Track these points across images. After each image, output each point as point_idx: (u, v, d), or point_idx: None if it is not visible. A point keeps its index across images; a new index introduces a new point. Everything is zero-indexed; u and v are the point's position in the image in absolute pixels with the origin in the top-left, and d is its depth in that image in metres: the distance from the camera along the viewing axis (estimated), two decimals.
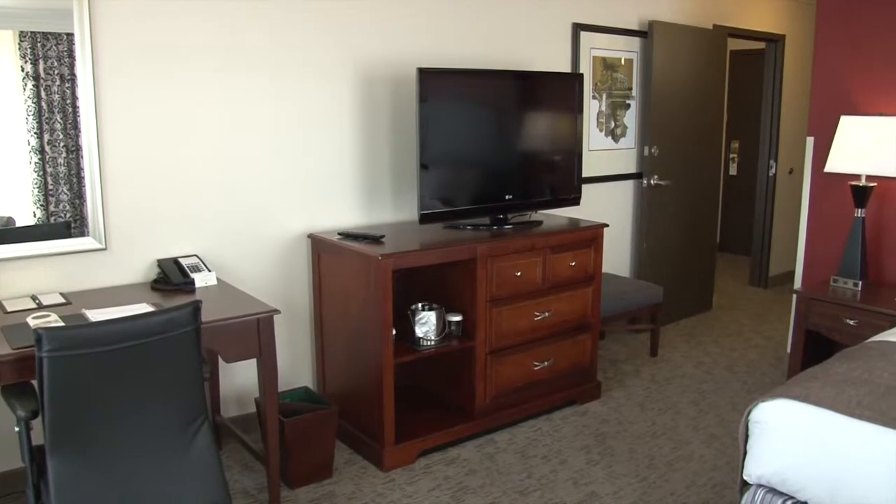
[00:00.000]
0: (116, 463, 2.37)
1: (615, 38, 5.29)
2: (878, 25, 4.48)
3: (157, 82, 3.37)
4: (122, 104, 3.29)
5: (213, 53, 3.50)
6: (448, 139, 3.83)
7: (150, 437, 2.43)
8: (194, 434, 2.52)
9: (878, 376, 2.68)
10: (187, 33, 3.41)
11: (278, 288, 3.87)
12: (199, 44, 3.45)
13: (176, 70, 3.41)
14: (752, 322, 6.07)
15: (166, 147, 3.44)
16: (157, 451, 2.45)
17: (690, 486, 3.47)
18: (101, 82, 3.21)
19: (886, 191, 4.48)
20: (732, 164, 8.53)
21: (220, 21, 3.49)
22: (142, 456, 2.42)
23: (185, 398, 2.49)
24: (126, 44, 3.25)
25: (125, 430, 2.38)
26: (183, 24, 3.39)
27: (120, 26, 3.23)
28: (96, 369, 2.27)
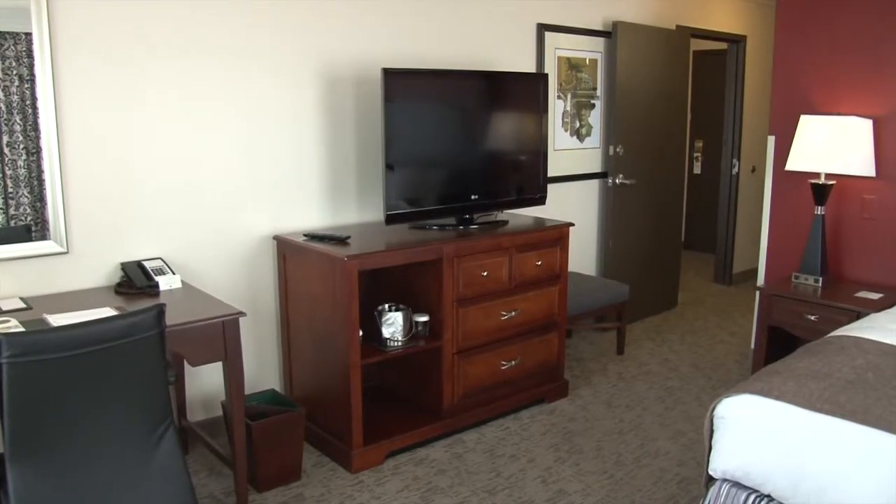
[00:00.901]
0: (79, 470, 2.34)
1: (580, 39, 5.32)
2: (835, 27, 4.55)
3: (118, 83, 3.33)
4: (84, 105, 3.24)
5: (175, 54, 3.46)
6: (413, 139, 3.83)
7: (114, 443, 2.40)
8: (159, 439, 2.50)
9: (837, 370, 2.72)
10: (149, 34, 3.37)
11: (244, 290, 3.84)
12: (161, 44, 3.42)
13: (138, 71, 3.37)
14: (717, 319, 6.14)
15: (129, 149, 3.40)
16: (122, 457, 2.42)
17: (657, 482, 3.50)
18: (60, 83, 3.16)
19: (845, 189, 4.55)
20: (696, 163, 8.62)
21: (182, 22, 3.46)
22: (106, 463, 2.39)
23: (149, 403, 2.47)
24: (86, 44, 3.21)
25: (88, 437, 2.35)
26: (144, 25, 3.35)
27: (80, 26, 3.18)
28: (58, 375, 2.23)
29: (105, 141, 3.32)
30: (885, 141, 4.37)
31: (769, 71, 5.12)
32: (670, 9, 6.04)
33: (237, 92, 3.68)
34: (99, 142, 3.31)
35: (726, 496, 2.60)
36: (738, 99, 6.98)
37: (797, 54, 4.76)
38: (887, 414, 2.35)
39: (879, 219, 4.46)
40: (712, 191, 7.73)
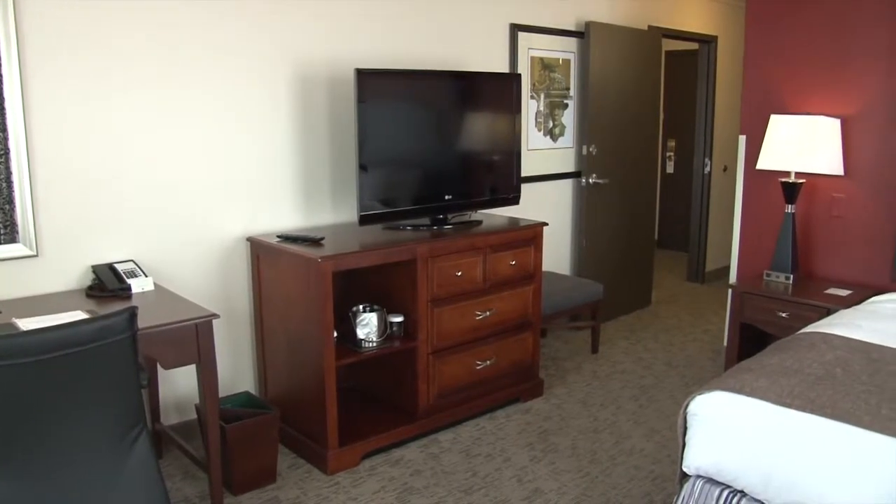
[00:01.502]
0: (50, 476, 2.31)
1: (553, 39, 5.34)
2: (804, 28, 4.61)
3: (89, 84, 3.29)
4: (53, 106, 3.20)
5: (147, 52, 3.43)
6: (387, 140, 3.83)
7: (86, 449, 2.37)
8: (132, 443, 2.47)
9: (808, 366, 2.75)
10: (120, 32, 3.34)
11: (217, 292, 3.82)
12: (132, 42, 3.38)
13: (109, 71, 3.33)
14: (690, 317, 6.18)
15: (100, 150, 3.36)
16: (94, 463, 2.39)
17: (632, 480, 3.52)
18: (29, 84, 3.12)
19: (814, 187, 4.61)
20: (669, 162, 8.69)
21: (154, 20, 3.43)
22: (77, 469, 2.36)
23: (121, 407, 2.44)
24: (54, 42, 3.17)
25: (59, 443, 2.32)
26: (116, 23, 3.32)
27: (48, 27, 3.14)
28: (28, 380, 2.20)
29: (75, 142, 3.29)
30: (853, 140, 4.43)
31: (740, 71, 5.17)
32: (642, 9, 6.08)
33: (209, 92, 3.66)
34: (69, 143, 3.27)
35: (700, 492, 2.61)
36: (710, 99, 7.04)
37: (767, 55, 4.81)
38: (855, 409, 2.39)
39: (848, 217, 4.52)
40: (685, 190, 7.79)
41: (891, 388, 2.54)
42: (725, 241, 5.85)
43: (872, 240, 4.43)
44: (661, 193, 8.51)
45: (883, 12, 4.27)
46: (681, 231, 8.11)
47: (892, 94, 4.27)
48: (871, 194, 4.42)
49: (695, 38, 6.82)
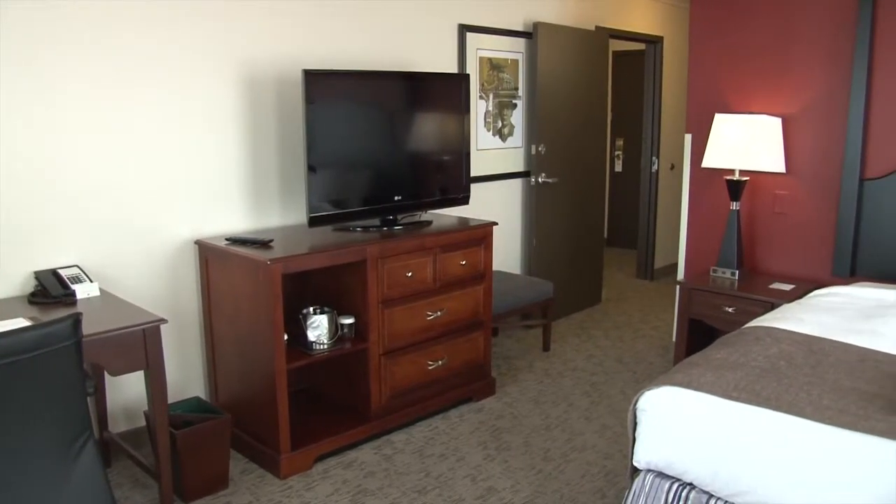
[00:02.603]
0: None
1: (501, 39, 5.37)
2: (746, 30, 4.69)
3: (30, 84, 3.20)
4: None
5: (89, 51, 3.35)
6: (336, 141, 3.81)
7: (29, 459, 2.32)
8: (78, 453, 2.42)
9: (753, 360, 2.81)
10: (60, 28, 3.26)
11: (165, 297, 3.76)
12: (74, 44, 3.31)
13: (51, 71, 3.26)
14: (640, 313, 6.26)
15: (41, 151, 3.28)
16: (38, 474, 2.34)
17: (584, 476, 3.56)
18: None
19: (758, 184, 4.70)
20: (617, 161, 8.78)
21: (96, 17, 3.35)
22: (21, 479, 2.30)
23: (67, 416, 2.39)
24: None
25: (1, 454, 2.27)
26: (54, 19, 3.24)
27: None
28: None
29: (15, 143, 3.20)
30: (793, 138, 4.53)
31: (685, 71, 5.25)
32: (589, 10, 6.14)
33: (155, 94, 3.60)
34: (8, 144, 3.18)
35: (650, 486, 2.65)
36: (657, 98, 7.14)
37: (711, 55, 4.89)
38: (798, 400, 2.44)
39: (790, 213, 4.62)
40: (633, 188, 7.89)
41: (831, 380, 2.61)
42: (673, 238, 5.95)
43: (813, 235, 4.53)
44: (610, 192, 8.61)
45: (822, 17, 4.37)
46: (630, 229, 8.21)
47: (830, 94, 4.38)
48: (810, 191, 4.52)
49: (641, 38, 6.91)
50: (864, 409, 2.36)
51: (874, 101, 4.21)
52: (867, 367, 2.74)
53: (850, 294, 3.78)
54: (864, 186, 4.25)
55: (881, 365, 2.76)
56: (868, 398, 2.45)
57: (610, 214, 8.65)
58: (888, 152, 4.18)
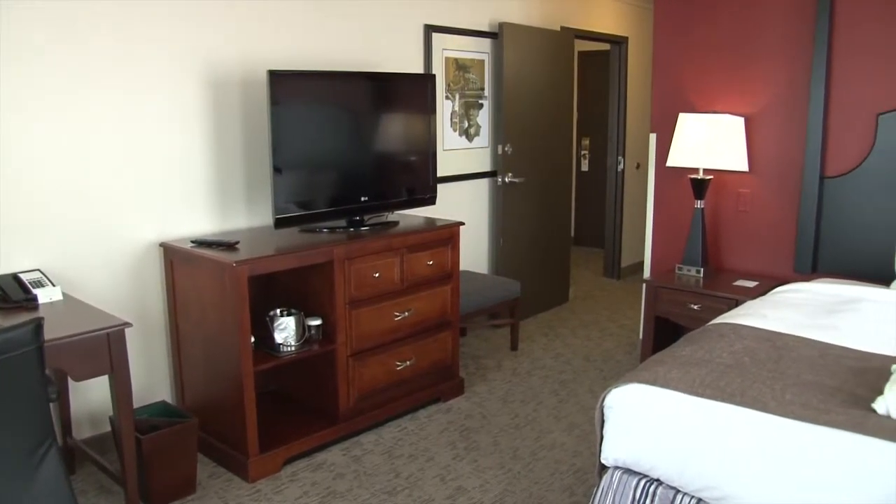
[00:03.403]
0: None
1: (466, 40, 5.38)
2: (709, 30, 4.74)
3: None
4: None
5: (50, 50, 3.30)
6: (301, 142, 3.79)
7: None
8: (40, 461, 2.38)
9: (717, 356, 2.84)
10: (21, 27, 3.21)
11: (130, 300, 3.72)
12: (35, 42, 3.25)
13: (10, 70, 3.20)
14: (607, 312, 6.31)
15: (1, 153, 3.23)
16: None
17: (554, 474, 3.57)
18: None
19: (722, 183, 4.75)
20: (584, 160, 8.83)
21: (57, 16, 3.30)
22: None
23: (27, 423, 2.35)
24: None
25: None
26: (15, 18, 3.18)
27: None
28: None
29: None
30: (756, 137, 4.59)
31: (650, 71, 5.29)
32: (555, 10, 6.17)
33: (117, 94, 3.55)
34: None
35: (618, 483, 2.67)
36: (622, 98, 7.19)
37: (675, 55, 4.94)
38: (761, 395, 2.47)
39: (753, 211, 4.68)
40: (599, 187, 7.94)
41: (794, 375, 2.64)
42: (640, 236, 5.99)
43: (776, 233, 4.60)
44: (577, 191, 8.65)
45: (782, 18, 4.43)
46: (596, 228, 8.26)
47: (791, 94, 4.44)
48: (773, 189, 4.58)
49: (606, 38, 6.96)
50: (825, 403, 2.40)
51: (833, 101, 4.27)
52: (828, 362, 2.78)
53: (811, 290, 3.83)
54: (824, 184, 4.32)
55: (842, 359, 2.81)
56: (829, 392, 2.49)
57: (577, 213, 8.70)
58: (847, 151, 4.25)
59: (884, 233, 4.07)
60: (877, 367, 2.68)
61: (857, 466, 2.15)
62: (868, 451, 2.16)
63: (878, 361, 2.76)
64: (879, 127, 4.10)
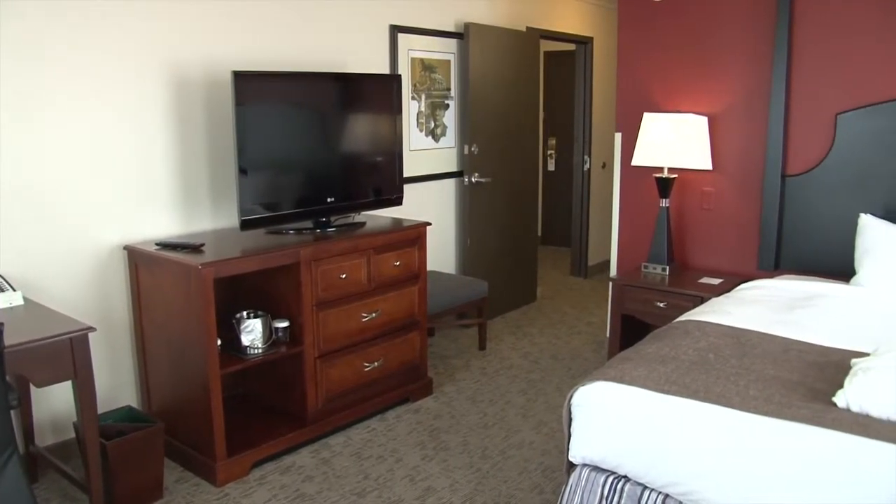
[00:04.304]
0: None
1: (432, 40, 5.38)
2: (672, 31, 4.79)
3: None
4: None
5: (9, 50, 3.24)
6: (267, 143, 3.77)
7: None
8: (1, 469, 2.35)
9: (683, 353, 2.87)
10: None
11: (94, 304, 3.67)
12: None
13: None
14: (575, 310, 6.34)
15: None
16: None
17: (522, 472, 3.59)
18: None
19: (686, 182, 4.80)
20: (550, 160, 8.88)
21: (15, 14, 3.25)
22: None
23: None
24: None
25: None
26: None
27: None
28: None
29: None
30: (719, 136, 4.65)
31: (615, 71, 5.32)
32: (520, 11, 6.19)
33: (79, 93, 3.50)
34: None
35: (586, 480, 2.69)
36: (587, 98, 7.23)
37: (639, 55, 4.98)
38: (726, 391, 2.51)
39: (717, 209, 4.74)
40: (566, 187, 7.98)
41: (757, 370, 2.68)
42: (606, 235, 6.02)
43: (739, 231, 4.65)
44: (543, 191, 8.69)
45: (744, 19, 4.49)
46: (563, 227, 8.30)
47: (753, 94, 4.50)
48: (736, 188, 4.64)
49: (571, 39, 6.99)
50: (788, 398, 2.44)
51: (793, 101, 4.34)
52: (791, 357, 2.82)
53: (774, 287, 3.89)
54: (785, 183, 4.38)
55: (804, 354, 2.85)
56: (791, 386, 2.53)
57: (543, 213, 8.75)
58: (807, 150, 4.32)
59: (843, 230, 4.13)
60: (837, 362, 2.73)
61: (818, 459, 2.20)
62: (828, 444, 2.20)
63: (838, 356, 2.81)
64: (838, 126, 4.17)
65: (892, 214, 3.98)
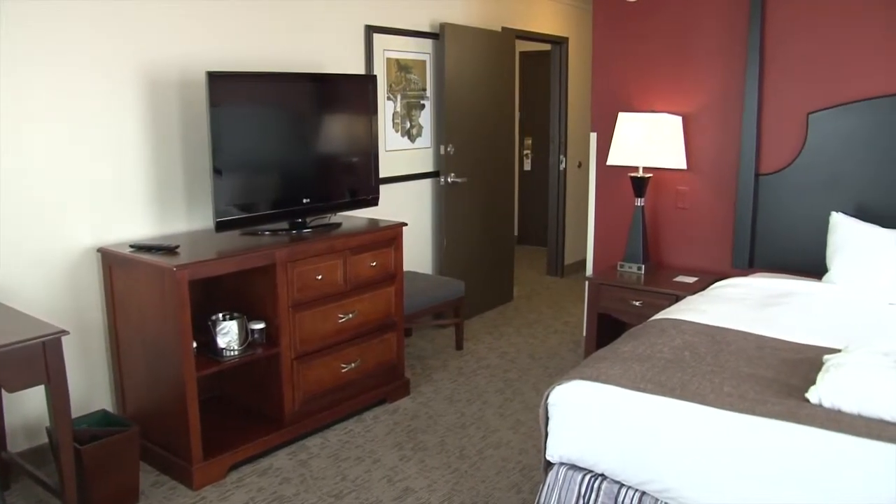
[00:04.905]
0: None
1: (408, 40, 5.38)
2: (646, 31, 4.82)
3: None
4: None
5: None
6: (242, 144, 3.75)
7: None
8: None
9: (658, 351, 2.89)
10: None
11: (67, 307, 3.63)
12: None
13: None
14: (551, 310, 6.36)
15: None
16: None
17: (500, 472, 3.59)
18: None
19: (661, 181, 4.84)
20: (526, 159, 8.90)
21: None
22: None
23: None
24: None
25: None
26: None
27: None
28: None
29: None
30: (693, 136, 4.68)
31: (590, 71, 5.35)
32: (495, 11, 6.20)
33: (51, 93, 3.46)
34: None
35: (563, 479, 2.69)
36: (563, 97, 7.26)
37: (613, 56, 5.00)
38: (701, 388, 2.53)
39: (691, 208, 4.77)
40: (542, 186, 8.01)
41: (731, 368, 2.71)
42: (582, 234, 6.06)
43: (714, 229, 4.69)
44: (520, 190, 8.72)
45: (718, 21, 4.52)
46: (539, 226, 8.33)
47: (726, 93, 4.54)
48: (710, 186, 4.67)
49: (547, 39, 7.01)
50: (762, 394, 2.46)
51: (766, 101, 4.38)
52: (765, 354, 2.85)
53: (749, 285, 3.93)
54: (759, 181, 4.42)
55: (777, 351, 2.88)
56: (765, 383, 2.56)
57: (520, 213, 8.77)
58: (780, 149, 4.36)
59: (816, 228, 4.18)
60: (810, 358, 2.76)
61: (792, 454, 2.22)
62: (802, 439, 2.23)
63: (811, 352, 2.84)
64: (810, 126, 4.22)
65: (862, 212, 4.04)
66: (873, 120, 4.01)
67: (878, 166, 4.02)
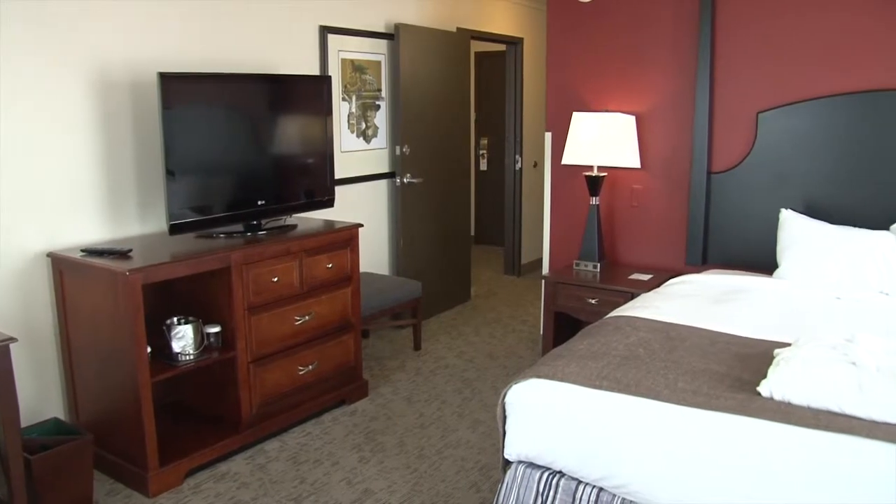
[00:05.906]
0: None
1: (363, 41, 5.36)
2: (600, 32, 4.87)
3: None
4: None
5: None
6: (196, 146, 3.71)
7: None
8: None
9: (614, 349, 2.92)
10: None
11: (16, 313, 3.55)
12: None
13: None
14: (509, 309, 6.39)
15: None
16: None
17: (459, 472, 3.60)
18: None
19: (615, 179, 4.89)
20: (482, 160, 8.92)
21: None
22: None
23: None
24: None
25: None
26: None
27: None
28: None
29: None
30: (646, 135, 4.74)
31: (545, 71, 5.38)
32: (450, 11, 6.22)
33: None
34: None
35: (522, 477, 2.71)
36: (518, 98, 7.30)
37: (568, 56, 5.04)
38: (655, 384, 2.56)
39: (645, 206, 4.83)
40: (498, 186, 8.04)
41: (686, 363, 2.74)
42: (539, 234, 6.09)
43: (668, 227, 4.75)
44: (476, 190, 8.75)
45: (670, 22, 4.59)
46: (496, 226, 8.36)
47: (678, 93, 4.60)
48: (664, 185, 4.74)
49: (502, 39, 7.05)
50: (715, 389, 2.50)
51: (717, 100, 4.45)
52: (718, 349, 2.90)
53: (702, 282, 3.98)
54: (711, 180, 4.49)
55: (730, 346, 2.93)
56: (718, 378, 2.60)
57: (476, 212, 8.80)
58: (731, 147, 4.44)
59: (766, 225, 4.25)
60: (761, 353, 2.81)
61: (745, 446, 2.26)
62: (753, 432, 2.27)
63: (762, 347, 2.89)
64: (759, 125, 4.29)
65: (811, 209, 4.13)
66: (821, 119, 4.10)
67: (826, 164, 4.10)
